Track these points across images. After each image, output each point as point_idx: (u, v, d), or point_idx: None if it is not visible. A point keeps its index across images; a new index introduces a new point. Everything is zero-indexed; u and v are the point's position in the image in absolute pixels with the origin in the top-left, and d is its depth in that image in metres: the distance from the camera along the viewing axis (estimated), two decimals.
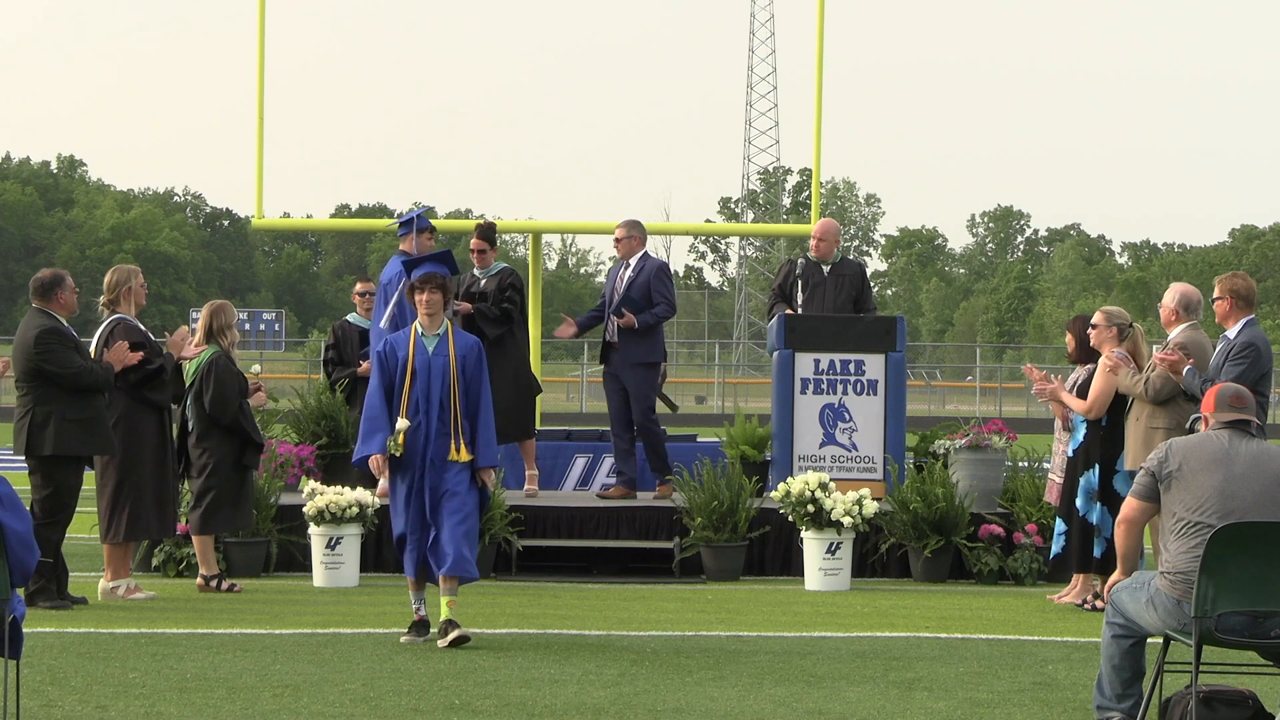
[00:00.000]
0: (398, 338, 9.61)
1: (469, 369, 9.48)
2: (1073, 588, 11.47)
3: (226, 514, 11.74)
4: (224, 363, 11.74)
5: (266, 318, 57.63)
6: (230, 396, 11.66)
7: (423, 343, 9.46)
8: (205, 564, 11.72)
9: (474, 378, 9.49)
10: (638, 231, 13.74)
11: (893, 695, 8.11)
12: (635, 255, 13.65)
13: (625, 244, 13.71)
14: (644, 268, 13.58)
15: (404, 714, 7.54)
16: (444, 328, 9.52)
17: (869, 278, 14.69)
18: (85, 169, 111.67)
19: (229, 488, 11.71)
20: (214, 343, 11.82)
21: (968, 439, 13.08)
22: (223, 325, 11.88)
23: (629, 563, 12.81)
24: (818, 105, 17.12)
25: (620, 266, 13.76)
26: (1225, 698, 7.18)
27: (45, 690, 7.88)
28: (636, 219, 13.90)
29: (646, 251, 13.74)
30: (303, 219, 67.29)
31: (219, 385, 11.62)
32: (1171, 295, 10.81)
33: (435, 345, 9.47)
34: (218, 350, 11.79)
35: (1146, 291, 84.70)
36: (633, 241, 13.69)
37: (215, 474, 11.67)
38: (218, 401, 11.62)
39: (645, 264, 13.61)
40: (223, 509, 11.70)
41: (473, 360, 9.50)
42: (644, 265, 13.59)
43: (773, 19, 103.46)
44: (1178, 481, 7.07)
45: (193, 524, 11.77)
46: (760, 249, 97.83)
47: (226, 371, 11.71)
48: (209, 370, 11.65)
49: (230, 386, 11.69)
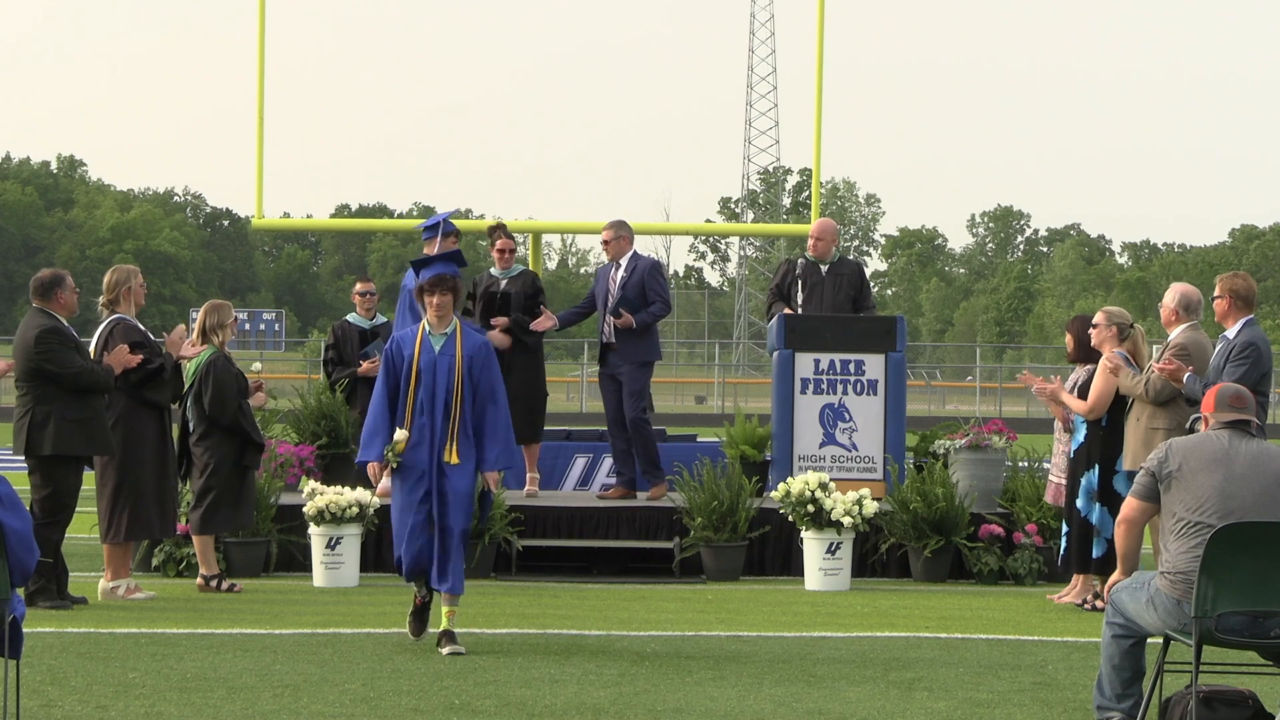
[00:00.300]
0: (405, 335, 9.43)
1: (476, 369, 9.24)
2: (1072, 587, 11.47)
3: (226, 514, 11.74)
4: (222, 363, 11.73)
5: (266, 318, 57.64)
6: (229, 396, 11.66)
7: (429, 341, 9.28)
8: (205, 564, 11.72)
9: (482, 378, 9.24)
10: (625, 231, 13.74)
11: (893, 695, 8.11)
12: (625, 255, 13.66)
13: (614, 245, 13.71)
14: (636, 267, 13.58)
15: (404, 714, 7.54)
16: (452, 327, 9.29)
17: (868, 277, 14.70)
18: (85, 169, 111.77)
19: (229, 488, 11.71)
20: (210, 342, 11.84)
21: (968, 439, 13.08)
22: (215, 324, 11.87)
23: (629, 563, 12.81)
24: (818, 105, 17.12)
25: (610, 267, 13.75)
26: (1225, 698, 7.18)
27: (45, 690, 7.88)
28: (622, 219, 13.93)
29: (635, 251, 13.75)
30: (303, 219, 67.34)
31: (218, 386, 11.62)
32: (1172, 295, 10.81)
33: (442, 345, 9.26)
34: (216, 350, 11.80)
35: (1146, 291, 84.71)
36: (621, 242, 13.69)
37: (215, 474, 11.66)
38: (217, 402, 11.62)
39: (637, 263, 13.61)
40: (222, 509, 11.70)
41: (480, 360, 9.25)
42: (636, 265, 13.60)
43: (773, 19, 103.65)
44: (1178, 481, 7.06)
45: (193, 524, 11.77)
46: (760, 249, 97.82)
47: (225, 372, 11.71)
48: (207, 371, 11.65)
49: (229, 386, 11.68)
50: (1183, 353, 10.49)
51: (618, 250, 13.69)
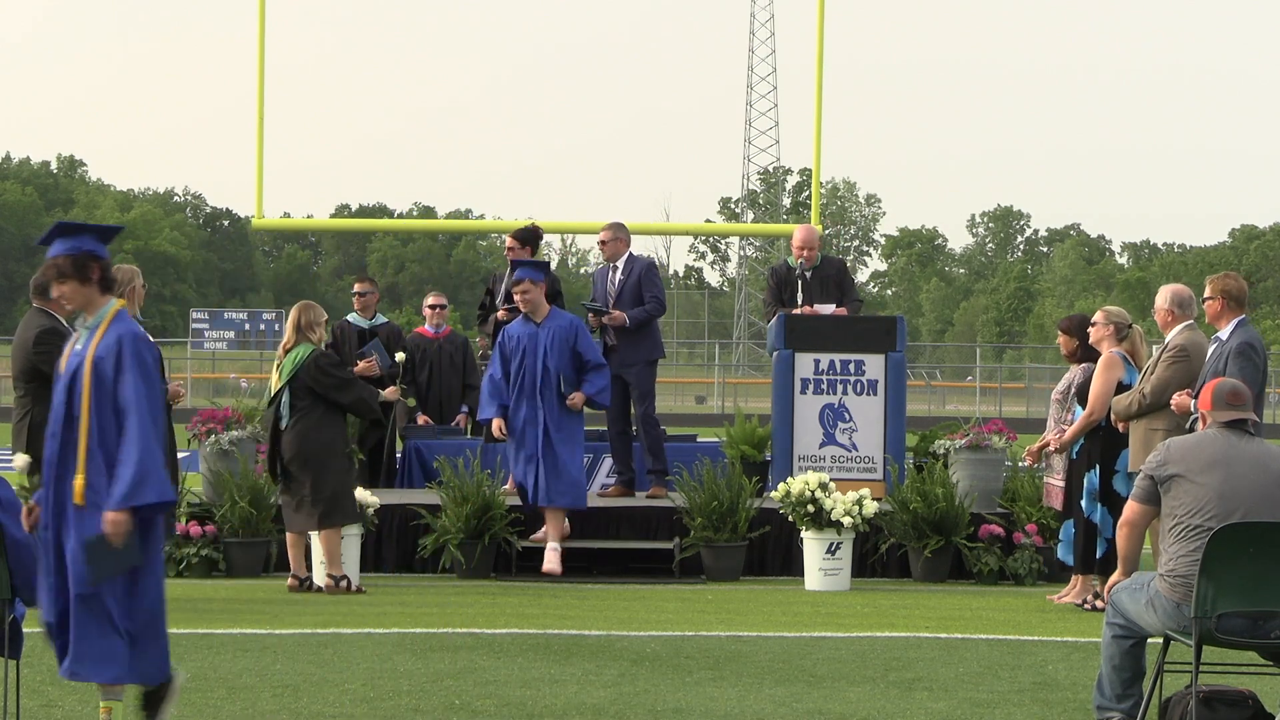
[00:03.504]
0: None
1: (105, 372, 6.60)
2: (1072, 588, 11.47)
3: (349, 504, 11.71)
4: (329, 357, 11.73)
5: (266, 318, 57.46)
6: (360, 390, 11.74)
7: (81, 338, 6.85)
8: (334, 563, 11.61)
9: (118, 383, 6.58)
10: (623, 234, 13.78)
11: (893, 695, 8.11)
12: (621, 257, 13.69)
13: (611, 246, 13.74)
14: (633, 269, 13.61)
15: (404, 714, 7.54)
16: (99, 316, 6.72)
17: (849, 269, 14.76)
18: (85, 169, 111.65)
19: (337, 475, 11.68)
20: (304, 340, 11.73)
21: (968, 439, 13.08)
22: (310, 322, 11.76)
23: (629, 563, 12.81)
24: (818, 105, 17.15)
25: (608, 270, 13.78)
26: (1225, 698, 7.18)
27: (45, 690, 7.88)
28: (620, 221, 14.01)
29: (632, 252, 13.77)
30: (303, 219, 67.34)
31: (341, 378, 11.66)
32: (1164, 296, 10.79)
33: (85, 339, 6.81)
34: (315, 347, 11.70)
35: (1146, 291, 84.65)
36: (618, 244, 13.73)
37: (334, 466, 11.62)
38: (344, 389, 11.64)
39: (634, 265, 13.64)
40: (345, 499, 11.68)
41: (113, 360, 6.60)
42: (632, 266, 13.63)
43: (773, 19, 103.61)
44: (1177, 484, 7.05)
45: (311, 520, 11.59)
46: (760, 249, 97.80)
47: (334, 363, 11.73)
48: (315, 364, 11.57)
49: (353, 380, 11.79)
50: (1182, 354, 10.47)
51: (614, 251, 13.71)
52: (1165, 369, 10.49)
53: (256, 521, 12.44)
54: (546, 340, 12.44)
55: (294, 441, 11.57)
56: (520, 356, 12.46)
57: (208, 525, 12.53)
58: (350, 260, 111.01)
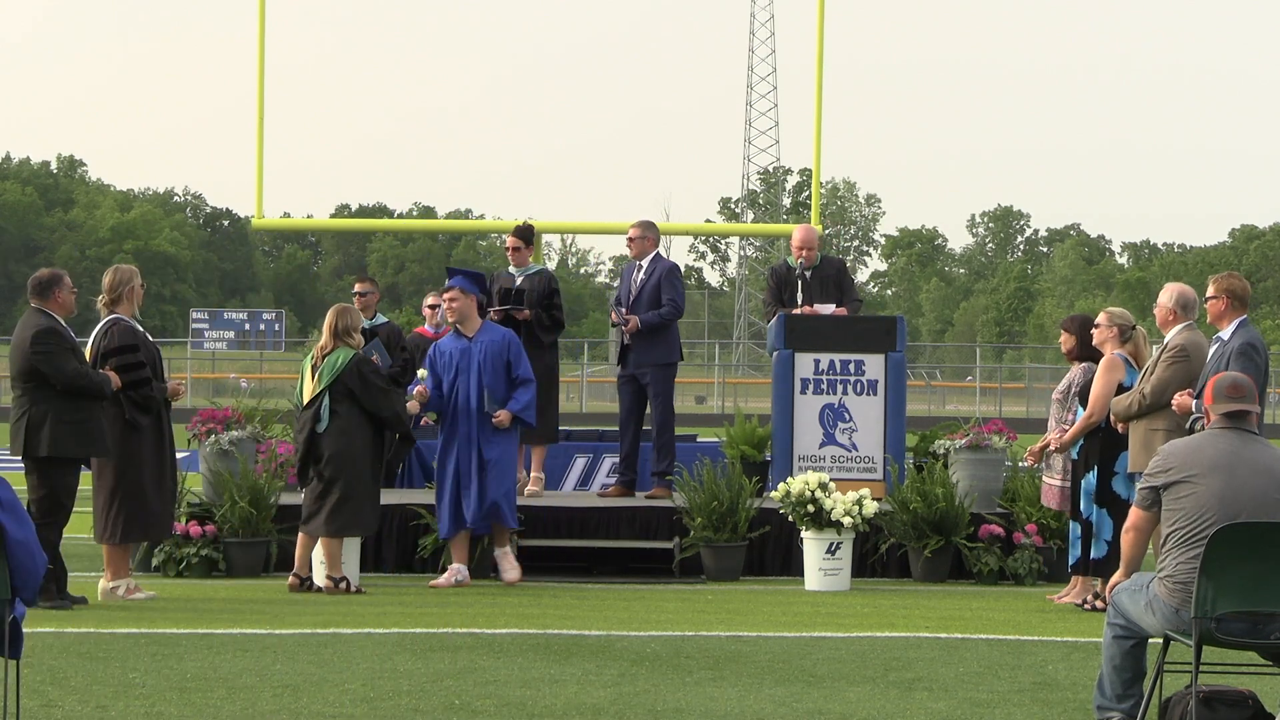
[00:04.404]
0: None
1: None
2: (1072, 588, 11.47)
3: (370, 511, 11.71)
4: (370, 365, 11.68)
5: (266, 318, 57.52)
6: (398, 402, 11.74)
7: None
8: (334, 565, 11.60)
9: None
10: (651, 232, 13.77)
11: (893, 695, 8.11)
12: (648, 256, 13.67)
13: (638, 244, 13.73)
14: (655, 270, 13.60)
15: (404, 714, 7.54)
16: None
17: (849, 269, 14.75)
18: (85, 169, 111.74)
19: (372, 484, 11.67)
20: (342, 345, 11.69)
21: (968, 439, 13.08)
22: (347, 326, 11.71)
23: (629, 563, 12.81)
24: (818, 105, 17.13)
25: (633, 268, 13.77)
26: (1225, 698, 7.17)
27: (45, 690, 7.88)
28: (651, 220, 13.99)
29: (659, 253, 13.77)
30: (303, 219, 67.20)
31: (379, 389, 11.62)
32: (1168, 295, 10.77)
33: None
34: (354, 351, 11.66)
35: (1146, 292, 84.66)
36: (646, 242, 13.72)
37: (356, 472, 11.57)
38: (378, 396, 11.60)
39: (657, 266, 13.63)
40: (366, 506, 11.65)
41: None
42: (655, 267, 13.62)
43: (773, 19, 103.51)
44: (1178, 489, 7.02)
45: (325, 529, 11.57)
46: (760, 249, 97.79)
47: (376, 372, 11.69)
48: (357, 371, 11.55)
49: (394, 391, 11.78)
50: (1182, 354, 10.46)
51: (641, 250, 13.71)
52: (1165, 369, 10.48)
53: (256, 521, 12.44)
54: (480, 356, 12.07)
55: (333, 443, 11.51)
56: (453, 374, 12.08)
57: (208, 525, 12.52)
58: (350, 260, 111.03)
